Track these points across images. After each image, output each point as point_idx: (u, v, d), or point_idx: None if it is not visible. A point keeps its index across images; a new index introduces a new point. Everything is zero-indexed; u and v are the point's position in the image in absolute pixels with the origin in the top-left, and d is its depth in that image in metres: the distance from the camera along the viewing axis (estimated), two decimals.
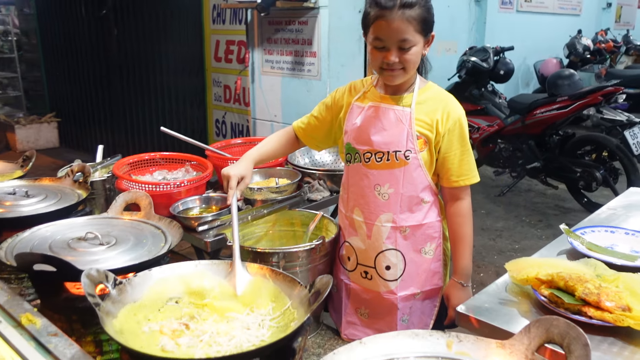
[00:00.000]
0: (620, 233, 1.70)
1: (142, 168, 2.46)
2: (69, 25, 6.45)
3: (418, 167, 1.68)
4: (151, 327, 1.17)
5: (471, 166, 1.72)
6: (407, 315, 1.81)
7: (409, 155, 1.66)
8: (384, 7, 1.51)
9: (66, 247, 1.47)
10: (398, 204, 1.70)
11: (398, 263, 1.75)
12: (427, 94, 1.69)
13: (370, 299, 1.81)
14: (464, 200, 1.75)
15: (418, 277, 1.78)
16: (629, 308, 1.20)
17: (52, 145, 7.09)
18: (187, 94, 5.19)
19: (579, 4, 8.69)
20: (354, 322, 1.87)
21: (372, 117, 1.69)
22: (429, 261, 1.78)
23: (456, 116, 1.67)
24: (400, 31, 1.51)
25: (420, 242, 1.76)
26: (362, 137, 1.70)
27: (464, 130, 1.69)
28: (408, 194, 1.70)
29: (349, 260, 1.83)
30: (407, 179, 1.69)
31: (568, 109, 4.34)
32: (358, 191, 1.75)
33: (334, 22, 3.66)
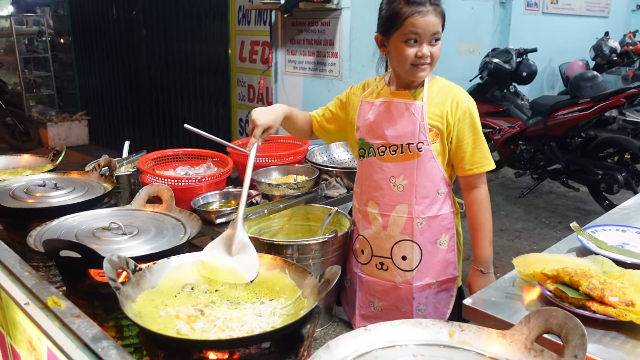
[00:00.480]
0: (631, 232, 1.71)
1: (166, 163, 2.55)
2: (100, 26, 6.63)
3: (431, 158, 1.73)
4: (168, 311, 1.23)
5: (484, 154, 1.75)
6: (424, 305, 1.84)
7: (421, 147, 1.71)
8: (413, 3, 1.61)
9: (91, 236, 1.54)
10: (413, 195, 1.76)
11: (414, 254, 1.79)
12: (435, 87, 1.75)
13: (386, 290, 1.85)
14: (479, 188, 1.78)
15: (433, 267, 1.82)
16: (632, 303, 1.22)
17: (82, 142, 7.29)
18: (212, 93, 5.29)
19: (607, 5, 8.56)
20: (368, 315, 1.91)
21: (385, 111, 1.76)
22: (443, 252, 1.82)
23: (465, 105, 1.72)
24: (434, 25, 1.62)
25: (436, 233, 1.81)
26: (375, 131, 1.77)
27: (474, 119, 1.73)
28: (422, 185, 1.75)
29: (362, 253, 1.87)
30: (421, 170, 1.74)
31: (590, 111, 4.31)
32: (372, 184, 1.80)
33: (355, 23, 3.71)
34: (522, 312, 1.32)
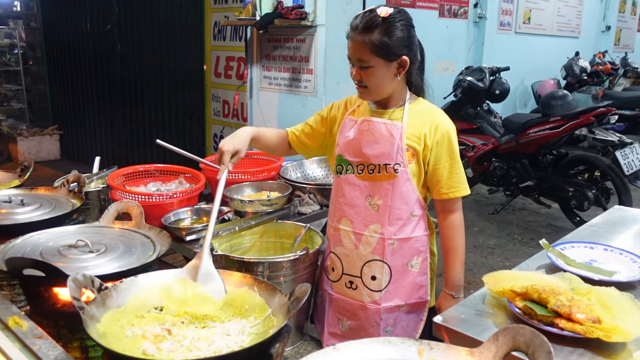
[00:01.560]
0: (599, 249, 1.74)
1: (137, 179, 2.51)
2: (74, 40, 6.56)
3: (407, 180, 1.73)
4: (134, 331, 1.20)
5: (460, 179, 1.75)
6: (391, 327, 1.83)
7: (397, 169, 1.71)
8: (351, 28, 1.65)
9: (57, 254, 1.51)
10: (386, 216, 1.75)
11: (384, 274, 1.78)
12: (416, 109, 1.75)
13: (354, 309, 1.83)
14: (454, 212, 1.78)
15: (403, 289, 1.80)
16: (599, 320, 1.24)
17: (53, 157, 7.16)
18: (187, 108, 5.26)
19: (578, 26, 8.80)
20: (336, 333, 1.89)
21: (365, 130, 1.75)
22: (415, 274, 1.81)
23: (444, 129, 1.72)
24: (357, 51, 1.63)
25: (407, 256, 1.79)
26: (354, 149, 1.76)
27: (452, 143, 1.73)
28: (396, 206, 1.74)
29: (333, 270, 1.86)
30: (396, 191, 1.73)
31: (561, 129, 4.39)
32: (347, 202, 1.79)
33: (330, 40, 3.74)
34: (492, 330, 1.32)
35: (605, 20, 9.60)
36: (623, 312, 1.29)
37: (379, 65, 1.64)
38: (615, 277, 1.55)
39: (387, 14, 1.61)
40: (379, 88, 1.69)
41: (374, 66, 1.64)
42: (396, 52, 1.64)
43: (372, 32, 1.60)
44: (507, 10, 7.09)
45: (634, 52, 10.52)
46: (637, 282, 1.54)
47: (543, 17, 7.91)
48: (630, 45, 10.55)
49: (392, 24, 1.62)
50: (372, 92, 1.70)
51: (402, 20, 1.64)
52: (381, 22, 1.60)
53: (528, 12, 7.57)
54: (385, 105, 1.76)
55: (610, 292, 1.37)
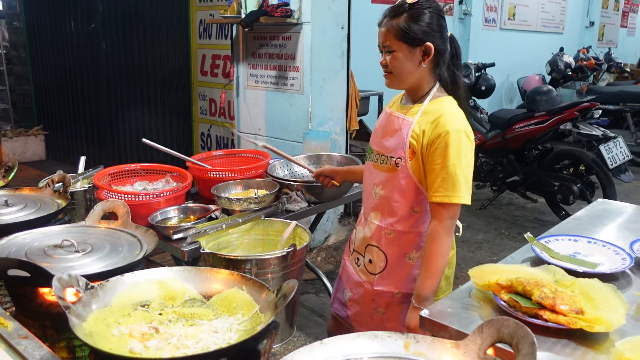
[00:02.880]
0: (583, 241, 1.76)
1: (123, 179, 2.50)
2: (58, 39, 6.50)
3: (407, 176, 1.73)
4: (121, 330, 1.20)
5: (449, 185, 1.64)
6: (383, 309, 1.87)
7: (398, 163, 1.73)
8: (382, 16, 1.73)
9: (42, 254, 1.50)
10: (385, 207, 1.79)
11: (379, 261, 1.83)
12: (433, 107, 1.72)
13: (355, 283, 1.93)
14: (438, 220, 1.68)
15: (398, 278, 1.83)
16: (582, 311, 1.26)
17: (38, 157, 7.09)
18: (174, 107, 5.24)
19: (562, 22, 8.88)
20: (340, 299, 2.01)
21: (384, 122, 1.84)
22: (412, 266, 1.82)
23: (443, 130, 1.64)
24: (384, 37, 1.70)
25: (405, 248, 1.81)
26: (375, 139, 1.86)
27: (449, 146, 1.63)
28: (394, 199, 1.76)
29: (350, 244, 2.01)
30: (395, 185, 1.75)
31: (545, 124, 4.43)
32: (364, 186, 1.92)
33: (316, 37, 3.74)
34: (478, 322, 1.33)
35: (588, 16, 9.71)
36: (606, 303, 1.31)
37: (403, 50, 1.67)
38: (599, 268, 1.57)
39: (414, 1, 1.66)
40: (402, 73, 1.71)
41: (398, 51, 1.67)
42: (420, 37, 1.66)
43: (399, 17, 1.66)
44: (492, 6, 7.14)
45: (618, 47, 10.64)
46: (619, 273, 1.56)
47: (527, 13, 7.98)
48: (613, 41, 10.67)
49: (419, 10, 1.66)
50: (396, 78, 1.73)
51: (430, 8, 1.67)
52: (407, 8, 1.66)
53: (513, 8, 7.63)
54: (410, 99, 1.80)
55: (593, 283, 1.39)
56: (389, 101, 1.97)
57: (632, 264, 1.58)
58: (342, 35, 3.92)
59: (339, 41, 3.92)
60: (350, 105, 4.12)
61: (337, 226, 4.33)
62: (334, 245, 4.16)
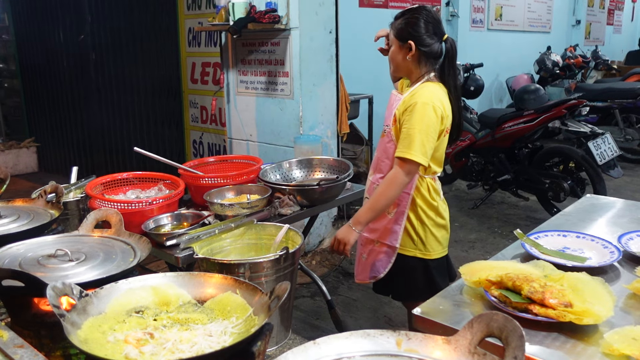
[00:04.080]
0: (572, 236, 1.79)
1: (116, 188, 2.51)
2: (47, 51, 6.50)
3: (390, 140, 2.17)
4: (116, 336, 1.21)
5: (407, 142, 2.02)
6: (366, 254, 2.32)
7: (386, 130, 2.20)
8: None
9: (36, 264, 1.50)
10: (376, 165, 2.26)
11: None
12: (417, 87, 2.12)
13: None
14: (394, 169, 2.08)
15: (378, 228, 2.24)
16: (571, 304, 1.28)
17: (31, 170, 7.08)
18: (165, 115, 5.25)
19: (549, 21, 8.95)
20: None
21: (389, 102, 2.26)
22: (388, 220, 2.21)
23: (414, 100, 2.05)
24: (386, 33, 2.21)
25: None
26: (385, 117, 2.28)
27: (415, 112, 2.02)
28: (381, 159, 2.23)
29: None
30: (382, 147, 2.23)
31: (534, 122, 4.47)
32: None
33: (305, 42, 3.76)
34: (469, 319, 1.35)
35: (575, 14, 9.79)
36: (594, 295, 1.33)
37: (395, 44, 2.13)
38: (588, 262, 1.60)
39: (412, 8, 2.12)
40: (394, 63, 2.17)
41: (393, 45, 2.15)
42: (404, 37, 2.09)
43: (398, 19, 2.12)
44: (478, 7, 7.19)
45: (605, 45, 10.74)
46: (608, 266, 1.59)
47: (514, 13, 8.04)
48: (600, 39, 10.76)
49: (413, 15, 2.08)
50: (392, 66, 2.20)
51: (422, 15, 2.07)
52: (406, 13, 2.10)
53: (499, 8, 7.69)
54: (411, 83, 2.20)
55: (581, 277, 1.41)
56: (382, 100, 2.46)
57: (620, 257, 1.61)
58: (330, 39, 3.95)
59: (328, 45, 3.94)
60: (340, 109, 4.14)
61: (330, 229, 4.34)
62: (328, 248, 4.17)
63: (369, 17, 5.49)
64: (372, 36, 2.37)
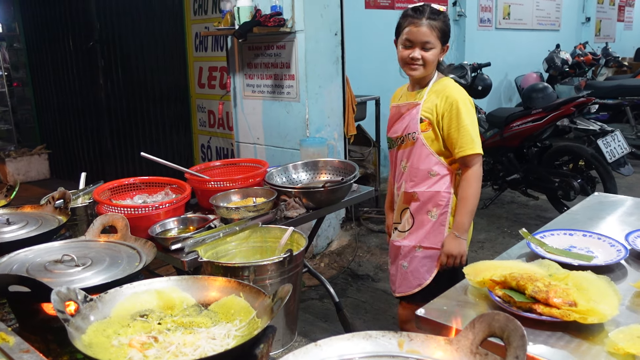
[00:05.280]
0: (578, 235, 1.78)
1: (123, 193, 2.53)
2: (57, 59, 6.56)
3: (422, 145, 2.14)
4: (121, 340, 1.22)
5: (469, 139, 2.08)
6: (407, 262, 2.25)
7: (414, 137, 2.15)
8: (414, 15, 2.06)
9: (43, 270, 1.52)
10: (410, 174, 2.21)
11: (408, 219, 2.24)
12: (437, 86, 2.14)
13: (391, 249, 2.35)
14: (469, 167, 2.12)
15: (421, 233, 2.21)
16: (575, 303, 1.27)
17: (43, 176, 7.15)
18: (173, 120, 5.28)
19: (558, 19, 8.90)
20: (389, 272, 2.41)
21: (396, 112, 2.25)
22: (432, 223, 2.19)
23: (452, 99, 2.08)
24: (425, 35, 2.04)
25: (427, 206, 2.19)
26: (392, 128, 2.27)
27: (460, 111, 2.06)
28: (415, 166, 2.18)
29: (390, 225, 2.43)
30: (414, 154, 2.17)
31: (542, 121, 4.44)
32: (395, 168, 2.31)
33: (310, 45, 3.77)
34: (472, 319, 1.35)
35: (584, 11, 9.72)
36: (599, 294, 1.32)
37: (437, 46, 2.07)
38: (594, 261, 1.58)
39: (443, 9, 2.09)
40: (431, 66, 2.10)
41: (435, 47, 2.06)
42: (446, 39, 2.10)
43: (437, 20, 2.05)
44: (486, 7, 7.16)
45: (615, 42, 10.64)
46: (615, 265, 1.57)
47: (522, 12, 8.00)
48: (610, 35, 10.67)
49: (447, 17, 2.09)
50: (426, 69, 2.10)
51: (448, 17, 2.11)
52: (440, 14, 2.06)
53: (507, 7, 7.65)
54: (418, 85, 2.19)
55: (586, 275, 1.40)
56: (389, 101, 2.38)
57: (626, 256, 1.59)
58: (336, 41, 3.95)
59: (333, 48, 3.95)
60: (347, 111, 4.15)
61: (339, 231, 4.34)
62: (337, 250, 4.17)
63: (375, 18, 5.49)
64: (378, 37, 2.37)
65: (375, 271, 3.92)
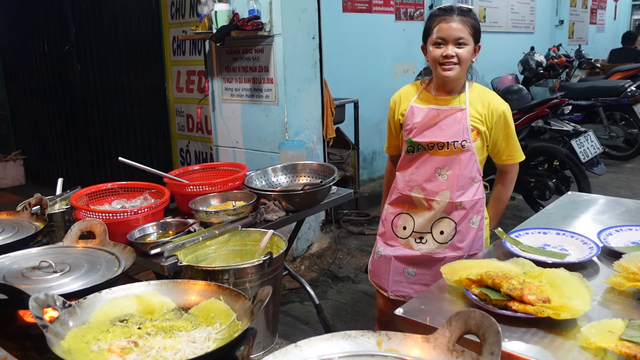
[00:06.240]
0: (552, 234, 1.82)
1: (101, 198, 2.50)
2: (32, 63, 6.47)
3: (472, 154, 2.10)
4: (100, 346, 1.22)
5: (517, 147, 2.19)
6: None
7: (465, 145, 2.07)
8: (444, 12, 2.00)
9: (20, 276, 1.51)
10: (455, 183, 2.11)
11: (450, 229, 2.15)
12: (474, 93, 2.11)
13: (421, 260, 2.21)
14: (510, 173, 2.28)
15: (466, 241, 2.17)
16: (549, 300, 1.30)
17: (18, 183, 7.03)
18: (151, 125, 5.25)
19: (532, 22, 9.04)
20: (400, 280, 2.26)
21: (434, 116, 2.10)
22: (475, 230, 2.18)
23: (500, 110, 2.10)
24: (458, 30, 1.97)
25: (470, 215, 2.16)
26: (424, 133, 2.12)
27: (507, 121, 2.12)
28: (462, 175, 2.10)
29: (404, 229, 2.25)
30: (462, 163, 2.09)
31: (517, 122, 4.50)
32: (419, 173, 2.16)
33: (288, 49, 3.78)
34: None
35: (558, 14, 9.89)
36: (572, 290, 1.35)
37: (471, 44, 2.01)
38: (567, 259, 1.62)
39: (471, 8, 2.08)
40: (466, 64, 2.03)
41: (469, 45, 2.00)
42: (479, 38, 2.05)
43: (469, 16, 1.99)
44: None
45: (588, 44, 10.84)
46: (587, 262, 1.61)
47: (498, 15, 8.11)
48: (583, 38, 10.87)
49: (476, 15, 2.04)
50: (461, 68, 2.01)
51: (477, 16, 2.06)
52: (470, 12, 2.01)
53: (483, 10, 7.76)
54: (451, 92, 2.11)
55: (559, 272, 1.44)
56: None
57: (598, 253, 1.64)
58: (314, 45, 3.98)
59: (311, 51, 3.97)
60: (325, 114, 4.17)
61: (319, 234, 4.35)
62: (317, 253, 4.19)
63: (353, 21, 5.52)
64: (356, 40, 2.35)
65: (356, 273, 3.94)
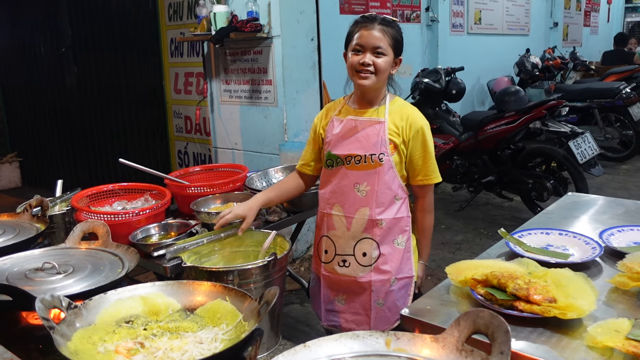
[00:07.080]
0: (554, 234, 1.82)
1: (102, 200, 2.50)
2: (28, 65, 6.44)
3: (390, 168, 1.97)
4: (107, 347, 1.21)
5: (433, 168, 2.02)
6: (383, 299, 2.04)
7: (382, 158, 1.95)
8: (366, 20, 1.93)
9: (23, 278, 1.50)
10: (374, 200, 1.98)
11: (373, 251, 2.01)
12: (395, 106, 2.00)
13: (348, 284, 2.06)
14: (427, 197, 2.06)
15: (392, 264, 2.02)
16: (555, 299, 1.30)
17: (14, 185, 6.99)
18: (149, 126, 5.23)
19: (527, 24, 9.07)
20: (333, 309, 2.11)
21: (352, 127, 1.99)
22: (401, 251, 2.03)
23: (418, 125, 1.98)
24: (377, 39, 1.89)
25: (393, 234, 2.02)
26: (342, 144, 2.00)
27: (425, 137, 1.98)
28: (382, 191, 1.97)
29: (325, 253, 2.09)
30: (381, 178, 1.97)
31: (515, 124, 4.53)
32: (338, 190, 2.03)
33: (287, 50, 3.78)
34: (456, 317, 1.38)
35: (552, 17, 9.93)
36: (577, 290, 1.36)
37: (390, 55, 1.92)
38: (570, 259, 1.63)
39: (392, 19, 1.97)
40: (383, 75, 1.93)
41: (387, 55, 1.91)
42: (399, 50, 1.96)
43: (390, 27, 1.92)
44: (458, 12, 7.27)
45: (582, 46, 10.89)
46: (590, 262, 1.62)
47: (493, 17, 8.14)
48: (577, 40, 10.92)
49: (399, 28, 1.96)
50: (377, 78, 1.92)
51: (400, 29, 1.97)
52: (393, 23, 1.94)
53: (478, 13, 7.78)
54: (370, 103, 2.01)
55: (564, 272, 1.44)
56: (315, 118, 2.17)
57: (601, 253, 1.64)
58: (312, 46, 3.98)
59: (310, 53, 3.97)
60: None
61: None
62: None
63: (350, 23, 5.51)
64: None
65: None
